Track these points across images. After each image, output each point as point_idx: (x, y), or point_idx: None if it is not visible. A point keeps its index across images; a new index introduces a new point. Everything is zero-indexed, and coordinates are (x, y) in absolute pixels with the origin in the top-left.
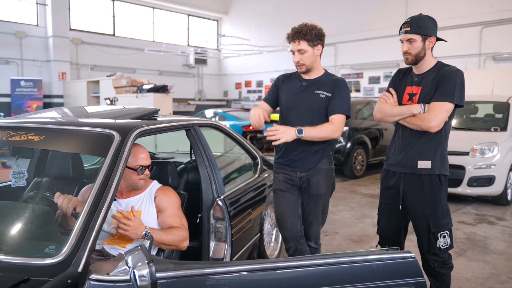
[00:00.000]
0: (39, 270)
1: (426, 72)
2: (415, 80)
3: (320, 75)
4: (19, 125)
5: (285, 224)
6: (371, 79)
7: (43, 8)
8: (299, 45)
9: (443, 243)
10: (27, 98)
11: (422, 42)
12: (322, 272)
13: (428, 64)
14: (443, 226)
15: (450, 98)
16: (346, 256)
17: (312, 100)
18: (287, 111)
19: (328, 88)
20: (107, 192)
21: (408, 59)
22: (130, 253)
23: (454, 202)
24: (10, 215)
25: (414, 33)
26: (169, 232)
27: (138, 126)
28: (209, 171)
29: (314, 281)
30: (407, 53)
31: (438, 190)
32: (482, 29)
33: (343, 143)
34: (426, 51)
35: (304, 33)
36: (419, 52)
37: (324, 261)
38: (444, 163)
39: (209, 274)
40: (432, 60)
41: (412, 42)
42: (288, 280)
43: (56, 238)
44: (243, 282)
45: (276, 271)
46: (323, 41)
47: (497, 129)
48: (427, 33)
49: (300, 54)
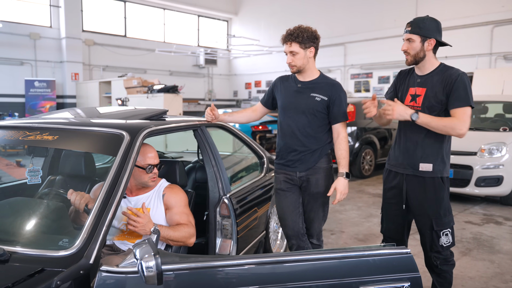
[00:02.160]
0: (54, 261)
1: (429, 74)
2: (418, 81)
3: (315, 78)
4: (34, 125)
5: (287, 222)
6: (380, 78)
7: (56, 10)
8: (291, 47)
9: (445, 241)
10: (40, 99)
11: (420, 43)
12: (320, 266)
13: (430, 66)
14: (446, 225)
15: (468, 102)
16: (344, 251)
17: (308, 102)
18: (283, 112)
19: (323, 91)
20: (116, 189)
21: (408, 60)
22: (138, 246)
23: (461, 202)
24: (27, 210)
25: (413, 33)
26: (177, 229)
27: (147, 127)
28: (215, 170)
29: (312, 275)
30: (406, 53)
31: (441, 190)
32: (493, 28)
33: (351, 143)
34: (426, 52)
35: (296, 36)
36: (417, 53)
37: (322, 256)
38: (446, 165)
39: (212, 267)
40: (435, 61)
41: (411, 42)
42: (288, 273)
43: (69, 232)
44: (245, 274)
45: (276, 264)
46: (317, 43)
47: (506, 129)
48: (426, 35)
49: (292, 55)
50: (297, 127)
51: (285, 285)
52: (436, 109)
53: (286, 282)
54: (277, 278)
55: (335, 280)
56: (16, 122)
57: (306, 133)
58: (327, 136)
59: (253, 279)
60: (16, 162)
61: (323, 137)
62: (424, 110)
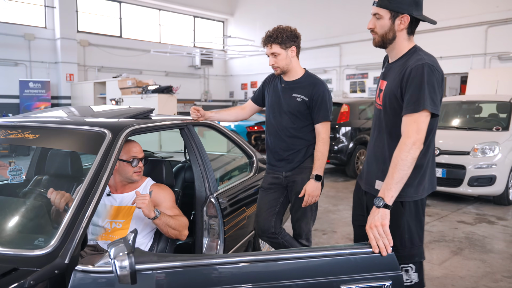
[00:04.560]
0: (28, 261)
1: (395, 61)
2: (383, 71)
3: (299, 77)
4: (16, 123)
5: (259, 219)
6: (376, 79)
7: (51, 10)
8: (271, 49)
9: (406, 278)
10: (35, 99)
11: (390, 20)
12: (301, 265)
13: (399, 50)
14: (405, 258)
15: (418, 106)
16: (325, 249)
17: (289, 103)
18: (269, 111)
19: (304, 91)
20: (96, 187)
21: (375, 39)
22: (113, 244)
23: (455, 201)
24: (4, 209)
25: (381, 6)
26: (174, 217)
27: (130, 125)
28: (202, 169)
29: (292, 274)
30: (372, 32)
31: (398, 216)
32: (487, 29)
33: (346, 143)
34: (396, 32)
35: (275, 37)
36: (386, 33)
37: (302, 255)
38: (413, 187)
39: (190, 266)
40: (407, 44)
41: (378, 18)
42: (266, 272)
43: (46, 231)
44: (223, 273)
45: (257, 263)
46: (297, 42)
47: (499, 129)
48: (397, 9)
49: (274, 57)
50: (280, 127)
51: (262, 284)
52: (398, 112)
53: (264, 282)
54: (258, 276)
55: (316, 278)
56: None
57: (289, 133)
58: (313, 136)
59: (229, 278)
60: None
61: (307, 137)
62: (386, 111)
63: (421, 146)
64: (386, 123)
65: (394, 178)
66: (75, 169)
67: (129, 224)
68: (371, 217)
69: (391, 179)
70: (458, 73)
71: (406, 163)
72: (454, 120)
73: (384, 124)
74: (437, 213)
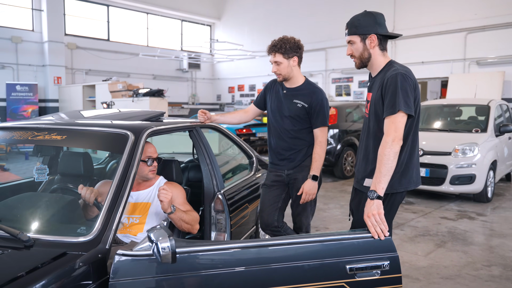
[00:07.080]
0: (75, 246)
1: (376, 76)
2: (368, 85)
3: (300, 85)
4: (42, 126)
5: (263, 214)
6: (361, 83)
7: (38, 13)
8: (275, 57)
9: None
10: (22, 102)
11: (361, 43)
12: (312, 248)
13: (377, 66)
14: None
15: (394, 108)
16: (331, 235)
17: (290, 108)
18: (271, 115)
19: (305, 98)
20: (126, 183)
21: (356, 63)
22: (152, 230)
23: (437, 199)
24: (42, 203)
25: (351, 34)
26: (187, 212)
27: (149, 127)
28: (210, 168)
29: (304, 256)
30: (352, 56)
31: None
32: (466, 35)
33: (334, 145)
34: (370, 51)
35: (279, 47)
36: (361, 54)
37: (312, 239)
38: (396, 180)
39: (215, 250)
40: (382, 59)
41: (352, 44)
42: (282, 256)
43: (83, 222)
44: (242, 255)
45: (269, 247)
46: (300, 52)
47: (478, 131)
48: (364, 32)
49: (276, 65)
50: (282, 130)
51: (279, 264)
52: (381, 118)
53: (284, 262)
54: (272, 258)
55: (325, 259)
56: (23, 123)
57: (290, 134)
58: (312, 137)
59: (251, 260)
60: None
61: (307, 138)
62: (372, 118)
63: (400, 142)
64: (373, 128)
65: (381, 172)
66: (87, 169)
67: (145, 219)
68: (367, 208)
69: (379, 173)
70: (439, 77)
71: (389, 157)
72: (436, 122)
73: (371, 130)
74: (422, 210)
